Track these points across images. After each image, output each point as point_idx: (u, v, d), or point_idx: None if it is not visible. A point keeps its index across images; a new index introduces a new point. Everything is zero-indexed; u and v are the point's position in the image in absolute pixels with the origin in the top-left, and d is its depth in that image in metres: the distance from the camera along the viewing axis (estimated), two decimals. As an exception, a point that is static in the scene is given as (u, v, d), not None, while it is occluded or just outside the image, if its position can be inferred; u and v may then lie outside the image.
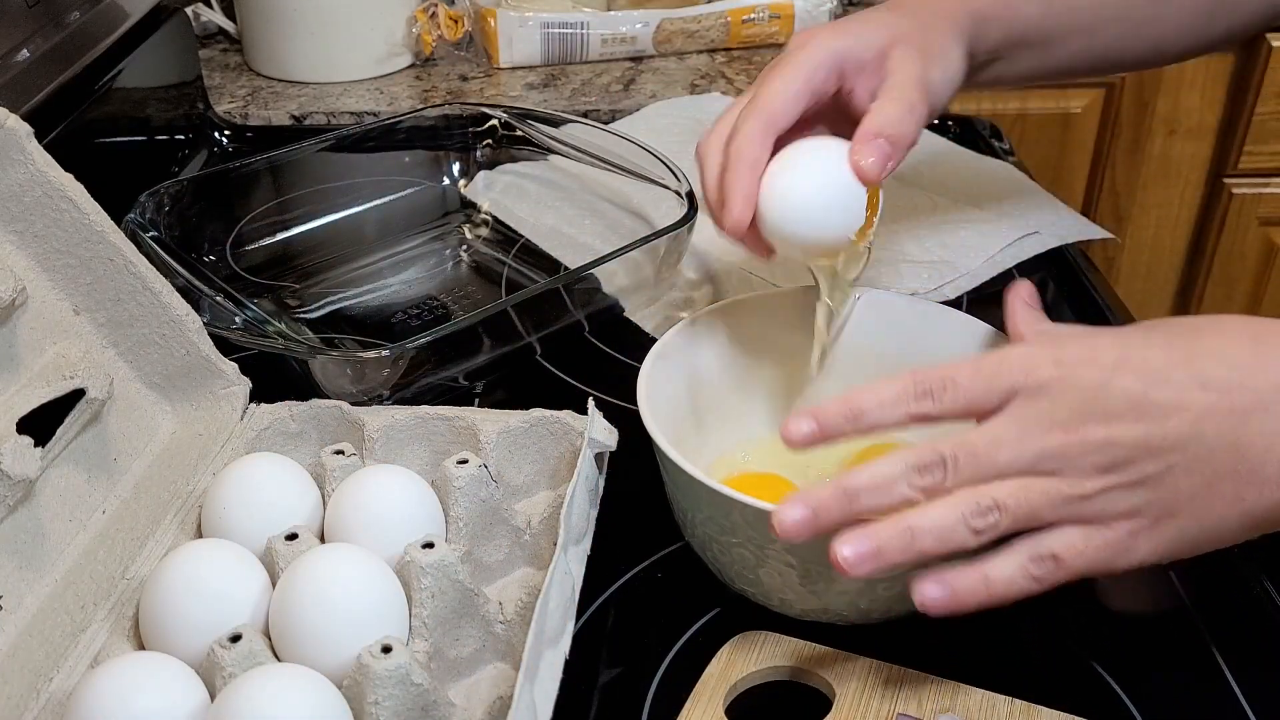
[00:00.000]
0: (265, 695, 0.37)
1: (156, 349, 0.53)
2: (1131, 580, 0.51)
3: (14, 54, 0.68)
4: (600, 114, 0.96)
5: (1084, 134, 1.47)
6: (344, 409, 0.53)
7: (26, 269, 0.50)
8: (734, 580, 0.49)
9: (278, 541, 0.45)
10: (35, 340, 0.49)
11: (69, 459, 0.49)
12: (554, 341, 0.66)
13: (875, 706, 0.44)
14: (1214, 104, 1.45)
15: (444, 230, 0.80)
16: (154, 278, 0.52)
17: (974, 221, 0.76)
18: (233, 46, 1.10)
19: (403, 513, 0.47)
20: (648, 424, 0.48)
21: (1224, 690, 0.46)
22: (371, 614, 0.42)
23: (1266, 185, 1.47)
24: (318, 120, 0.98)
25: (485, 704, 0.44)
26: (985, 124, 0.94)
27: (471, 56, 1.07)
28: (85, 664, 0.42)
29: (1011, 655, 0.48)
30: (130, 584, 0.46)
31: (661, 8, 1.07)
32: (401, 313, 0.71)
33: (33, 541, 0.46)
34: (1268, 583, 0.50)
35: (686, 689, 0.45)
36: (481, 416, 0.53)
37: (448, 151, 0.84)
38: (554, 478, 0.54)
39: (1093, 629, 0.49)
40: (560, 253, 0.75)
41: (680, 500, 0.49)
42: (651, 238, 0.65)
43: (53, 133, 0.70)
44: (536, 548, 0.50)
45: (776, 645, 0.46)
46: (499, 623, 0.45)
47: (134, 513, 0.50)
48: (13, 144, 0.48)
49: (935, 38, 0.55)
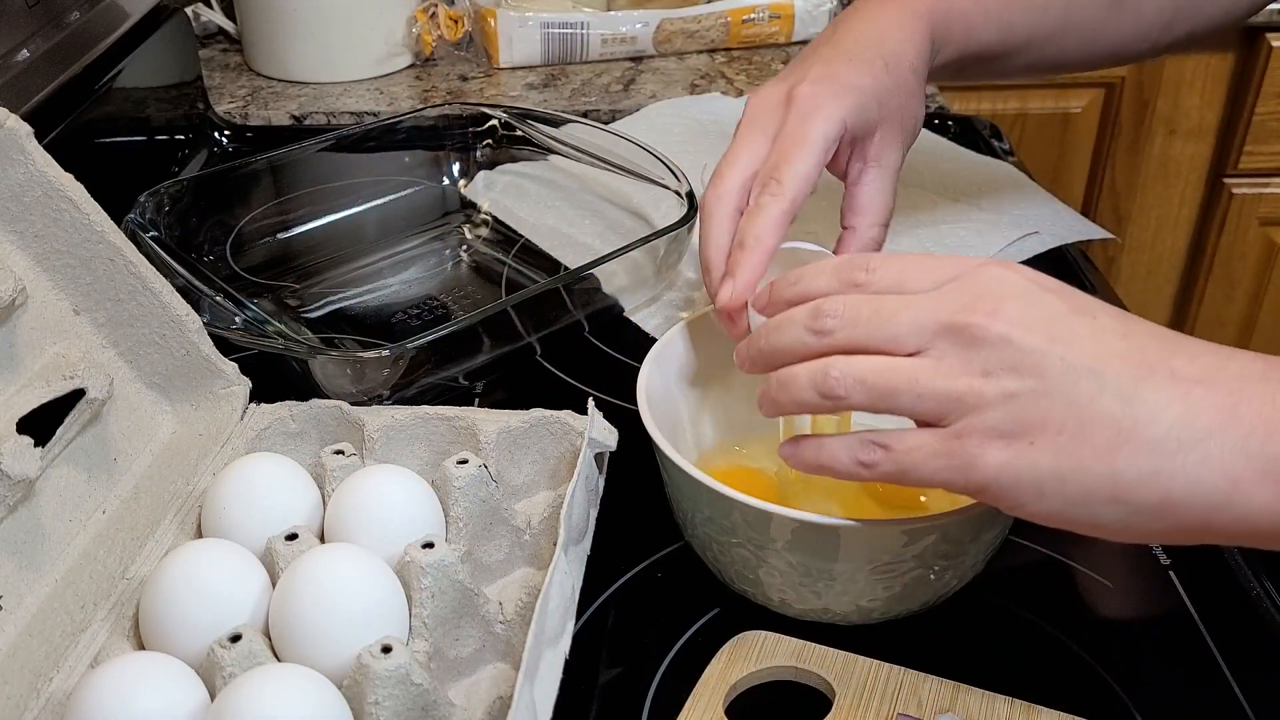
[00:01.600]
0: (265, 695, 0.37)
1: (156, 349, 0.53)
2: (1132, 580, 0.52)
3: (14, 54, 0.68)
4: (600, 114, 0.96)
5: (1084, 134, 1.48)
6: (344, 409, 0.53)
7: (26, 269, 0.50)
8: (734, 580, 0.49)
9: (278, 541, 0.45)
10: (35, 340, 0.49)
11: (69, 459, 0.49)
12: (554, 341, 0.66)
13: (875, 706, 0.44)
14: (1214, 104, 1.45)
15: (444, 230, 0.80)
16: (154, 278, 0.52)
17: (974, 221, 0.76)
18: (233, 46, 1.10)
19: (403, 513, 0.47)
20: (648, 424, 0.48)
21: (1224, 690, 0.46)
22: (371, 614, 0.42)
23: (1266, 185, 1.48)
24: (318, 120, 0.98)
25: (485, 704, 0.44)
26: (985, 124, 0.94)
27: (471, 56, 1.07)
28: (85, 664, 0.42)
29: (1011, 655, 0.48)
30: (130, 584, 0.46)
31: (661, 8, 1.07)
32: (401, 313, 0.71)
33: (33, 541, 0.46)
34: (1268, 583, 0.50)
35: (686, 689, 0.45)
36: (481, 416, 0.53)
37: (448, 151, 0.84)
38: (554, 478, 0.54)
39: (1093, 629, 0.49)
40: (560, 253, 0.75)
41: (680, 500, 0.49)
42: (651, 238, 0.65)
43: (53, 133, 0.70)
44: (536, 548, 0.50)
45: (776, 645, 0.46)
46: (499, 623, 0.45)
47: (134, 513, 0.50)
48: (13, 144, 0.48)
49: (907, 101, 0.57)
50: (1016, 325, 0.39)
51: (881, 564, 0.44)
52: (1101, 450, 0.37)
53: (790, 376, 0.43)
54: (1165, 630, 0.49)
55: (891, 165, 0.58)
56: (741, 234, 0.52)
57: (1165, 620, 0.50)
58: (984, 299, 0.40)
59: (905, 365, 0.40)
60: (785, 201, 0.52)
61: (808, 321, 0.42)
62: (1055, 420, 0.38)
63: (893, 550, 0.44)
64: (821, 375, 0.41)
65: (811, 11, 1.08)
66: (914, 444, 0.40)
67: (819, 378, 0.41)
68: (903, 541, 0.44)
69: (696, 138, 0.87)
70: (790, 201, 0.52)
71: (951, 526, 0.44)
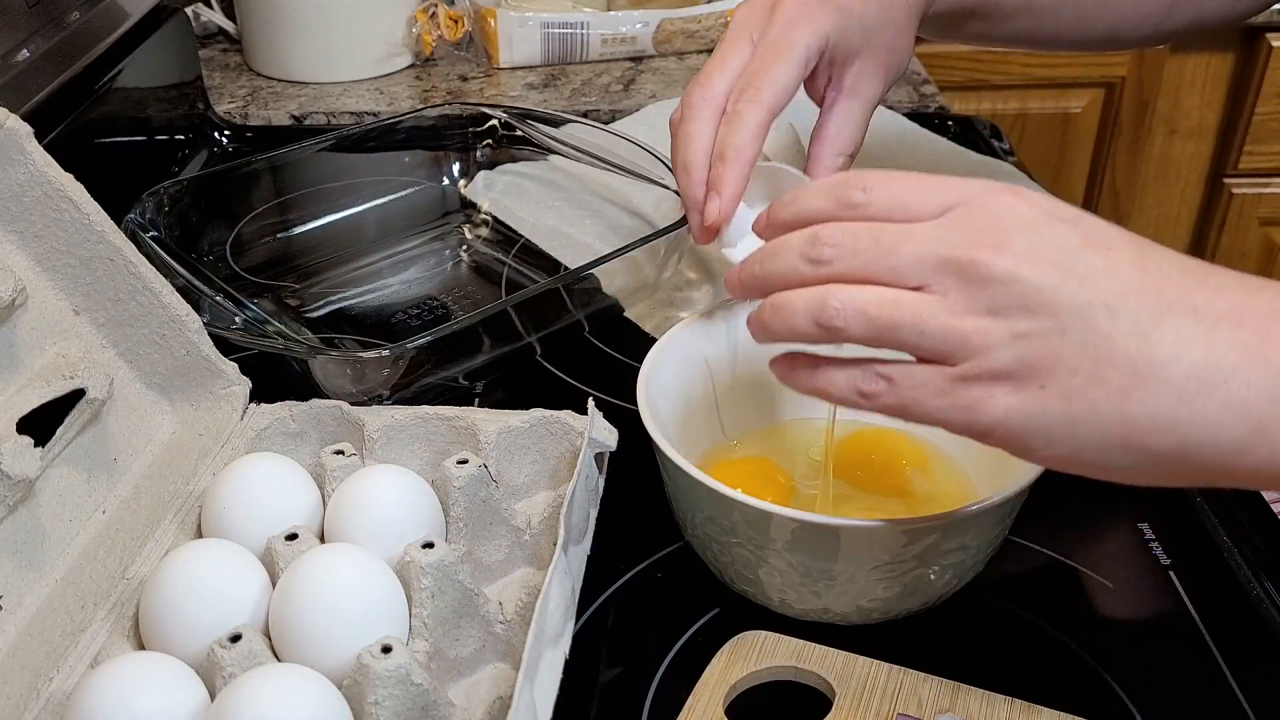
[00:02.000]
0: (265, 695, 0.37)
1: (156, 349, 0.53)
2: (1132, 580, 0.51)
3: (14, 54, 0.68)
4: (600, 114, 0.96)
5: (1084, 134, 1.48)
6: (344, 409, 0.53)
7: (26, 269, 0.50)
8: (734, 580, 0.49)
9: (278, 541, 0.45)
10: (35, 340, 0.49)
11: (69, 459, 0.49)
12: (554, 341, 0.66)
13: (875, 706, 0.44)
14: (1214, 104, 1.45)
15: (444, 230, 0.80)
16: (154, 278, 0.52)
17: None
18: (233, 46, 1.10)
19: (403, 513, 0.47)
20: (647, 424, 0.48)
21: (1224, 690, 0.46)
22: (371, 614, 0.42)
23: (1266, 185, 1.48)
24: (318, 120, 0.98)
25: (485, 704, 0.44)
26: (985, 124, 0.94)
27: (471, 56, 1.07)
28: (85, 664, 0.42)
29: (1011, 655, 0.48)
30: (130, 584, 0.46)
31: (661, 8, 1.07)
32: (401, 313, 0.71)
33: (33, 541, 0.46)
34: (1268, 583, 0.50)
35: (686, 689, 0.45)
36: (481, 416, 0.53)
37: (448, 151, 0.84)
38: (554, 478, 0.54)
39: (1093, 629, 0.49)
40: (560, 253, 0.75)
41: (680, 500, 0.49)
42: (651, 238, 0.65)
43: (53, 133, 0.70)
44: (536, 548, 0.50)
45: (776, 645, 0.46)
46: (499, 623, 0.45)
47: (134, 513, 0.50)
48: (13, 144, 0.48)
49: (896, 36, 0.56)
50: (1025, 260, 0.36)
51: (881, 564, 0.44)
52: (1116, 393, 0.35)
53: (785, 302, 0.40)
54: (1165, 630, 0.49)
55: (867, 97, 0.56)
56: (721, 145, 0.51)
57: (1165, 620, 0.50)
58: (990, 231, 0.37)
59: (909, 299, 0.38)
60: (763, 110, 0.51)
61: (804, 249, 0.40)
62: (1068, 362, 0.36)
63: (893, 550, 0.44)
64: (820, 304, 0.39)
65: (811, 11, 1.08)
66: (920, 379, 0.38)
67: (817, 307, 0.39)
68: (903, 541, 0.44)
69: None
70: (768, 110, 0.51)
71: (951, 526, 0.44)
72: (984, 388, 0.37)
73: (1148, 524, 0.54)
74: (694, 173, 0.52)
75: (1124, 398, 0.35)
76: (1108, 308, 0.36)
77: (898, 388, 0.38)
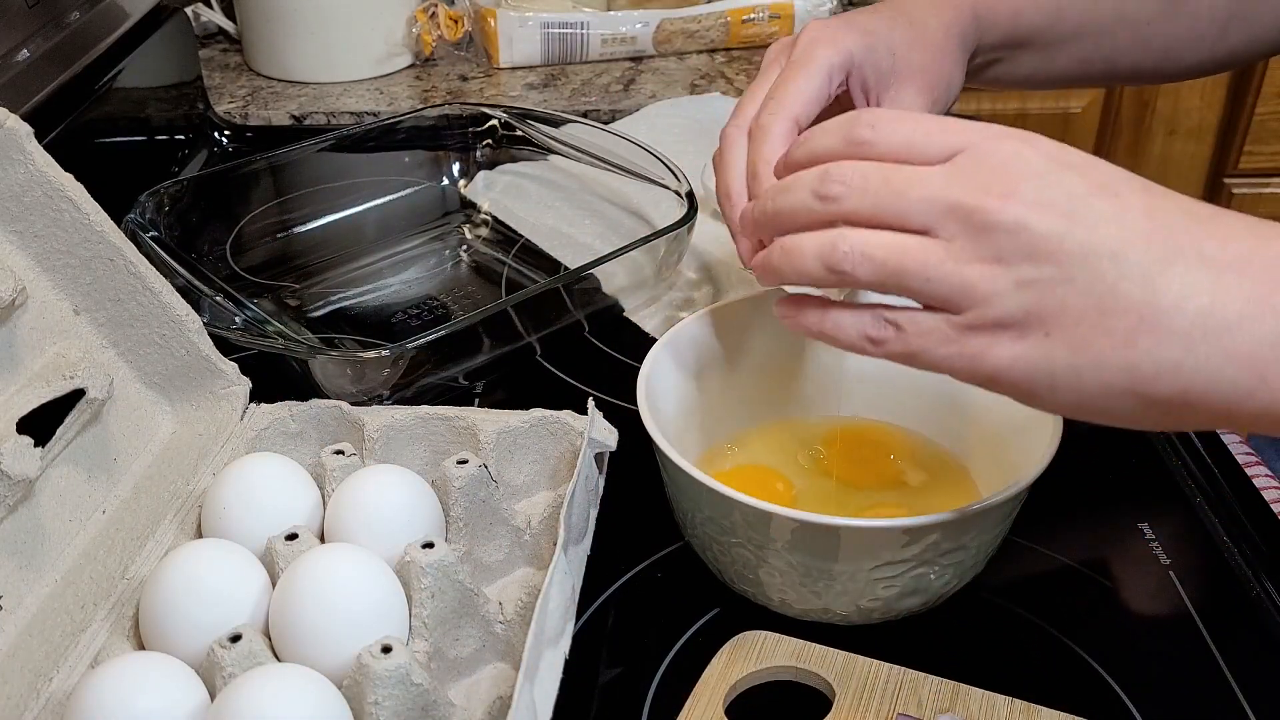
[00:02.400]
0: (265, 695, 0.37)
1: (156, 349, 0.53)
2: (1132, 580, 0.51)
3: (14, 54, 0.68)
4: (600, 114, 0.96)
5: (1084, 134, 1.48)
6: (344, 409, 0.53)
7: (26, 269, 0.50)
8: (734, 580, 0.49)
9: (278, 541, 0.45)
10: (35, 340, 0.49)
11: (69, 459, 0.49)
12: (554, 341, 0.66)
13: (875, 706, 0.44)
14: (1214, 104, 1.45)
15: (444, 230, 0.80)
16: (154, 278, 0.52)
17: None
18: (233, 46, 1.10)
19: (403, 513, 0.47)
20: (647, 424, 0.48)
21: (1224, 690, 0.46)
22: (371, 614, 0.42)
23: (1266, 185, 1.48)
24: (318, 120, 0.98)
25: (485, 704, 0.44)
26: (985, 124, 0.94)
27: (471, 56, 1.07)
28: (85, 664, 0.42)
29: (1011, 655, 0.48)
30: (130, 584, 0.46)
31: (661, 8, 1.07)
32: (401, 313, 0.71)
33: (33, 541, 0.46)
34: (1268, 583, 0.50)
35: (686, 689, 0.45)
36: (481, 416, 0.53)
37: (448, 151, 0.84)
38: (554, 478, 0.54)
39: (1093, 629, 0.49)
40: (560, 253, 0.75)
41: (680, 500, 0.49)
42: (651, 238, 0.65)
43: (53, 133, 0.70)
44: (536, 548, 0.50)
45: (776, 645, 0.46)
46: (499, 623, 0.45)
47: (134, 513, 0.50)
48: (13, 144, 0.48)
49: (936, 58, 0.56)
50: (1033, 208, 0.36)
51: (881, 564, 0.44)
52: (1120, 341, 0.35)
53: (795, 244, 0.40)
54: (1165, 630, 0.49)
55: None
56: (752, 163, 0.51)
57: (1165, 620, 0.50)
58: (998, 179, 0.37)
59: (915, 245, 0.38)
60: (784, 117, 0.51)
61: (815, 185, 0.40)
62: (1073, 310, 0.36)
63: (893, 550, 0.44)
64: (830, 247, 0.39)
65: (812, 11, 1.08)
66: (927, 327, 0.38)
67: (826, 249, 0.39)
68: (903, 541, 0.44)
69: (696, 138, 0.87)
70: (790, 117, 0.51)
71: (952, 526, 0.44)
72: (989, 336, 0.37)
73: (1148, 524, 0.54)
74: (734, 198, 0.52)
75: (1128, 346, 0.35)
76: (1113, 255, 0.36)
77: (905, 335, 0.39)
